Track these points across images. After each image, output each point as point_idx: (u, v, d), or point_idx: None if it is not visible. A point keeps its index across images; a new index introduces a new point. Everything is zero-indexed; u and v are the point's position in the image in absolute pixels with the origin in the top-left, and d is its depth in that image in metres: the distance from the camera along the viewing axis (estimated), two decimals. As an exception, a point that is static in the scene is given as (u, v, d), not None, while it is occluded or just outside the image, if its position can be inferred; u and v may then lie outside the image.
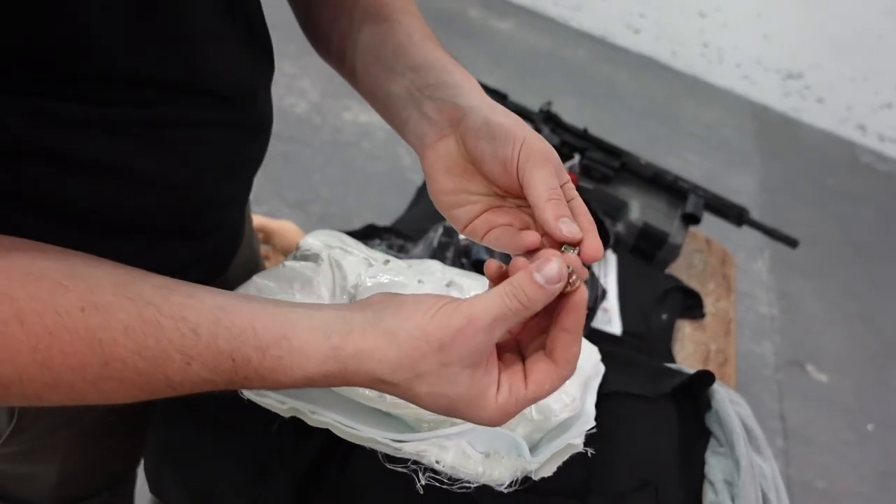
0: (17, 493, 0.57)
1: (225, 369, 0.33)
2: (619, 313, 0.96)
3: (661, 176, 1.12)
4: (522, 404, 0.35)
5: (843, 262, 2.95)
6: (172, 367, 0.32)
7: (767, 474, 0.54)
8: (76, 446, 0.55)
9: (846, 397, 2.28)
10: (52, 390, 0.31)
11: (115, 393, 0.33)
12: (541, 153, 0.39)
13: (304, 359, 0.34)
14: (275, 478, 0.45)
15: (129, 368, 0.32)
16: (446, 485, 0.41)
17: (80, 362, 0.31)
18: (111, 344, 0.31)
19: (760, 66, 4.18)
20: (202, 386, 0.34)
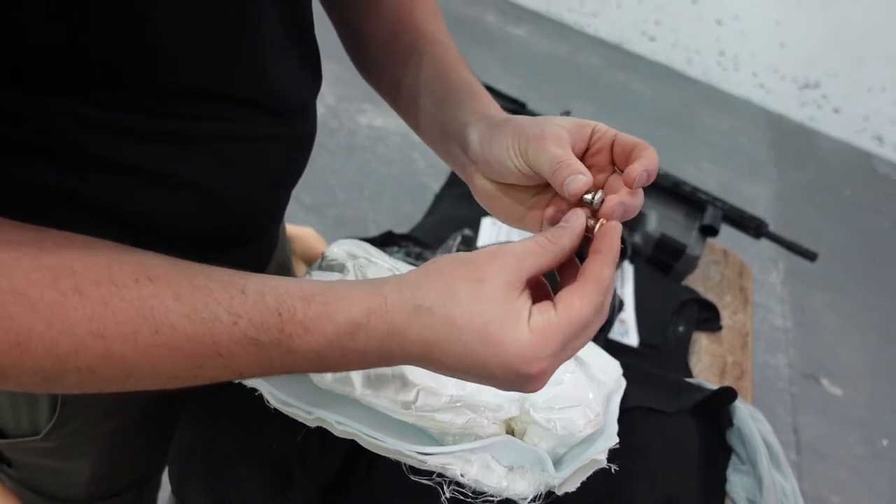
0: (50, 487, 0.59)
1: (271, 325, 0.33)
2: (636, 325, 0.96)
3: (679, 187, 1.12)
4: (555, 332, 0.33)
5: (859, 273, 2.92)
6: (220, 328, 0.33)
7: (789, 493, 0.54)
8: (109, 444, 0.56)
9: (861, 412, 2.26)
10: (105, 362, 0.32)
11: (165, 363, 0.33)
12: (534, 139, 0.40)
13: (347, 302, 0.34)
14: (298, 486, 0.45)
15: (179, 333, 0.32)
16: (470, 498, 0.42)
17: (132, 330, 0.32)
18: (162, 310, 0.32)
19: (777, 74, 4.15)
20: (248, 350, 0.33)
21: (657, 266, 1.09)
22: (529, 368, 0.33)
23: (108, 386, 0.33)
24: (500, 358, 0.33)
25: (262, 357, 0.34)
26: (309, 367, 0.35)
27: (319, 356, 0.34)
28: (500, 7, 4.14)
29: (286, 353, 0.34)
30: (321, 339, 0.34)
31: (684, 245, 1.06)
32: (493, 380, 0.34)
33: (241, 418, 0.48)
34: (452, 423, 0.41)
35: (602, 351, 0.53)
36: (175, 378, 0.34)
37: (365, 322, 0.34)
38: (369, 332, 0.34)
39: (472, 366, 0.33)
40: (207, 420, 0.49)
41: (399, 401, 0.42)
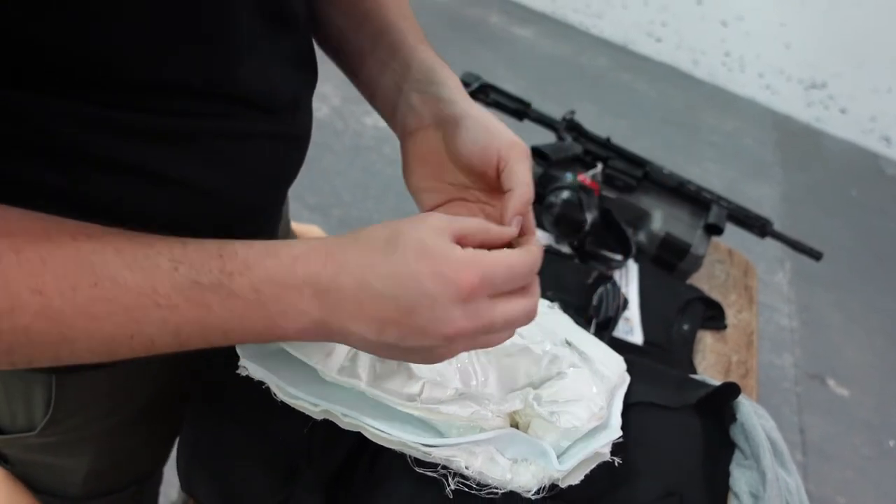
0: (47, 484, 0.59)
1: (212, 266, 0.34)
2: (641, 323, 0.96)
3: (684, 186, 1.12)
4: (485, 257, 0.35)
5: (866, 274, 2.91)
6: (160, 275, 0.33)
7: (793, 489, 0.54)
8: (107, 442, 0.56)
9: (867, 412, 2.25)
10: (42, 320, 0.31)
11: (103, 321, 0.32)
12: (522, 149, 0.44)
13: (290, 244, 0.36)
14: (304, 479, 0.46)
15: (119, 285, 0.32)
16: (474, 490, 0.42)
17: (71, 284, 0.31)
18: (101, 263, 0.32)
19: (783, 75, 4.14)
20: (189, 297, 0.33)
21: (662, 265, 1.09)
22: (461, 280, 0.34)
23: (39, 353, 0.32)
24: (434, 268, 0.34)
25: (201, 305, 0.33)
26: (247, 313, 0.35)
27: (258, 297, 0.34)
28: (505, 8, 4.14)
29: (226, 297, 0.34)
30: (261, 275, 0.34)
31: (689, 244, 1.07)
32: (424, 301, 0.34)
33: (247, 413, 0.49)
34: (457, 416, 0.42)
35: (606, 347, 0.54)
36: (111, 341, 0.33)
37: (303, 255, 0.35)
38: (307, 263, 0.35)
39: (405, 284, 0.34)
40: (213, 416, 0.49)
41: (404, 393, 0.42)
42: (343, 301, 0.35)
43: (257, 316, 0.35)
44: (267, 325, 0.35)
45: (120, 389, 0.54)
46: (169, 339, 0.34)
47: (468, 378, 0.45)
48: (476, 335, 0.36)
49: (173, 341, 0.34)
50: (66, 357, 0.33)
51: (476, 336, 0.36)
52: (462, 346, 0.37)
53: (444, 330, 0.35)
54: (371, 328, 0.35)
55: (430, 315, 0.35)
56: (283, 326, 0.35)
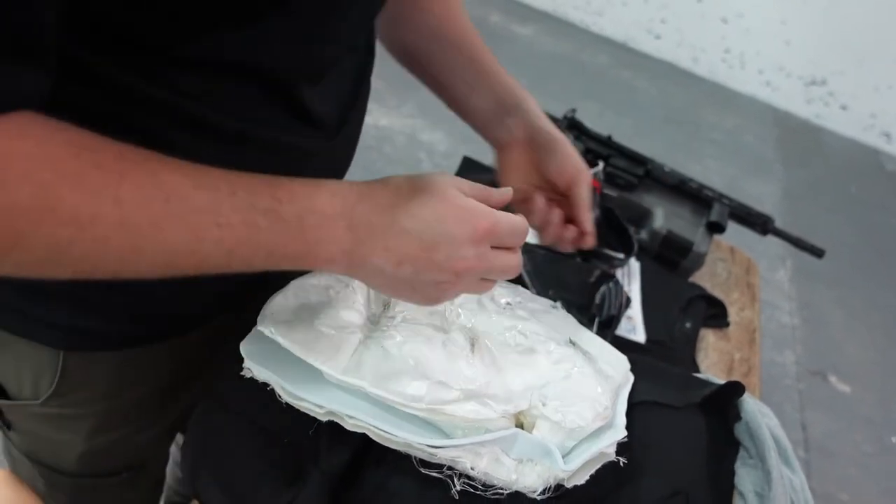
0: (46, 458, 0.61)
1: (264, 192, 0.38)
2: (643, 321, 0.96)
3: (685, 184, 1.12)
4: (492, 211, 0.43)
5: (867, 270, 2.91)
6: (221, 197, 0.37)
7: (797, 487, 0.54)
8: (104, 424, 0.58)
9: (869, 409, 2.25)
10: (119, 230, 0.34)
11: (170, 233, 0.35)
12: (585, 173, 0.64)
13: (328, 183, 0.41)
14: (310, 480, 0.46)
15: (187, 204, 0.36)
16: (480, 491, 0.42)
17: (146, 197, 0.34)
18: (172, 182, 0.35)
19: (783, 72, 4.14)
20: (244, 217, 0.37)
21: (664, 263, 1.09)
22: (478, 224, 0.41)
23: (107, 263, 0.35)
24: (456, 212, 0.41)
25: (253, 226, 0.37)
26: (290, 237, 0.39)
27: (301, 224, 0.39)
28: (505, 6, 4.14)
29: (275, 221, 0.38)
30: (306, 205, 0.39)
31: (691, 242, 1.06)
32: (444, 239, 0.41)
33: (253, 414, 0.49)
34: (462, 417, 0.42)
35: (610, 346, 0.54)
36: (173, 255, 0.36)
37: (341, 192, 0.41)
38: (344, 199, 0.40)
39: (430, 223, 0.41)
40: (219, 416, 0.49)
41: (409, 394, 0.42)
42: (372, 235, 0.40)
43: (298, 241, 0.39)
44: (304, 251, 0.40)
45: (122, 375, 0.56)
46: (220, 257, 0.38)
47: (473, 377, 0.45)
48: (478, 276, 0.43)
49: (223, 260, 0.38)
50: (130, 269, 0.36)
51: (477, 277, 0.43)
52: (464, 285, 0.43)
53: (456, 266, 0.41)
54: (391, 261, 0.41)
55: (448, 251, 0.41)
56: (316, 253, 0.40)
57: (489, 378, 0.46)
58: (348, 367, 0.44)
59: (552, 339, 0.49)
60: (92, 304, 0.50)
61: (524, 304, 0.54)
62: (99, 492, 0.65)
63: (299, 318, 0.47)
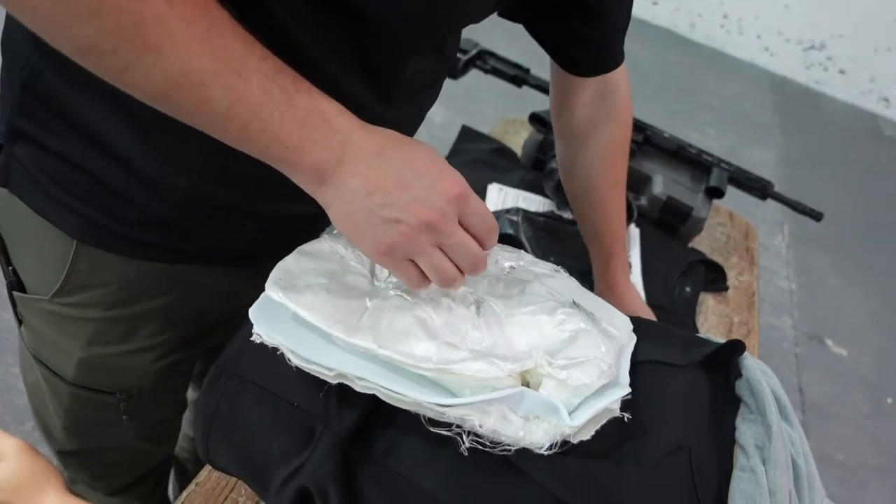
0: (47, 358, 0.65)
1: (287, 76, 0.41)
2: (644, 286, 0.97)
3: (684, 149, 1.12)
4: None
5: (863, 236, 2.92)
6: (253, 55, 0.40)
7: (796, 441, 0.55)
8: (101, 334, 0.61)
9: (865, 371, 2.28)
10: (156, 24, 0.36)
11: (199, 54, 0.38)
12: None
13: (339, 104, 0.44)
14: (321, 442, 0.47)
15: (221, 43, 0.38)
16: (488, 447, 0.43)
17: (193, 13, 0.37)
18: (220, 20, 0.39)
19: (781, 37, 4.10)
20: (261, 82, 0.40)
21: (663, 229, 1.10)
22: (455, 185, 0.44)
23: (128, 51, 0.36)
24: (440, 168, 0.44)
25: (265, 93, 0.40)
26: (290, 124, 0.41)
27: (306, 116, 0.41)
28: (500, -26, 4.06)
29: (285, 100, 0.40)
30: (316, 105, 0.42)
31: (690, 207, 1.07)
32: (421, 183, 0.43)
33: (263, 379, 0.50)
34: (470, 376, 0.42)
35: (613, 308, 0.55)
36: (186, 75, 0.38)
37: (347, 113, 0.43)
38: (347, 119, 0.43)
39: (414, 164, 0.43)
40: (231, 383, 0.50)
41: (417, 355, 0.43)
42: (358, 158, 0.43)
43: (296, 130, 0.41)
44: (296, 143, 0.42)
45: (126, 286, 0.59)
46: (223, 106, 0.39)
47: (480, 339, 0.46)
48: (437, 238, 0.44)
49: (223, 110, 0.39)
50: (141, 69, 0.37)
51: (435, 240, 0.44)
52: (420, 245, 0.44)
53: (421, 212, 0.43)
54: (366, 187, 0.42)
55: (419, 194, 0.43)
56: (305, 150, 0.42)
57: (495, 339, 0.47)
58: (357, 330, 0.44)
59: (556, 301, 0.50)
60: (109, 196, 0.54)
61: (527, 268, 0.55)
62: (95, 410, 0.67)
63: (307, 282, 0.47)
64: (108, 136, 0.51)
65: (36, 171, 0.54)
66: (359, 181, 0.42)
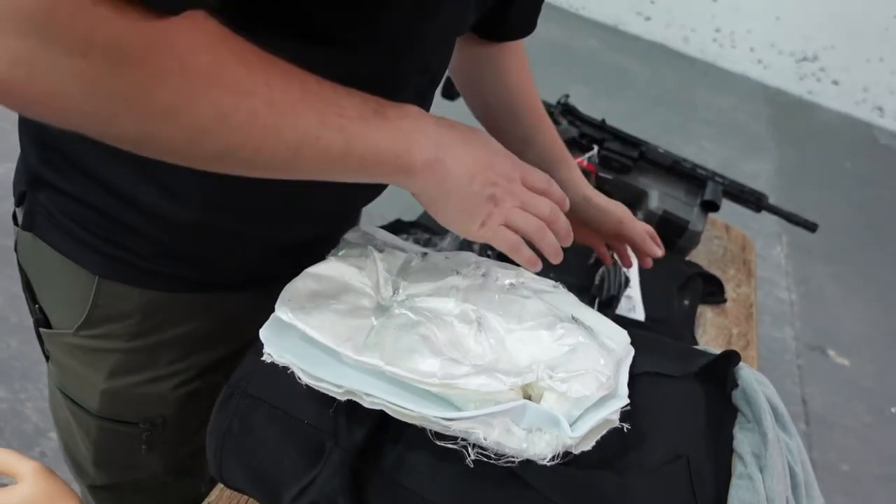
0: (73, 391, 0.66)
1: (369, 99, 0.45)
2: (642, 300, 0.99)
3: (679, 164, 1.14)
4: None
5: (862, 245, 2.94)
6: (340, 93, 0.44)
7: (793, 449, 0.56)
8: (124, 365, 0.63)
9: (868, 381, 2.28)
10: (268, 108, 0.39)
11: (305, 120, 0.41)
12: (627, 215, 0.81)
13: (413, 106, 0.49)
14: (331, 458, 0.48)
15: (316, 96, 0.42)
16: (493, 459, 0.44)
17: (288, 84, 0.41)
18: (305, 77, 0.42)
19: (774, 49, 4.15)
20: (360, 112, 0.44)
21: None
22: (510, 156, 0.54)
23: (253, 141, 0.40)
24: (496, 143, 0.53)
25: (365, 119, 0.44)
26: (398, 140, 0.46)
27: (401, 124, 0.46)
28: (495, -6, 4.11)
29: (382, 119, 0.45)
30: (402, 111, 0.47)
31: (686, 221, 1.09)
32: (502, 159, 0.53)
33: (274, 398, 0.51)
34: (474, 390, 0.44)
35: (610, 321, 0.56)
36: (305, 135, 0.42)
37: (423, 111, 0.49)
38: (426, 116, 0.49)
39: (490, 147, 0.52)
40: (242, 402, 0.52)
41: (423, 371, 0.45)
42: (452, 148, 0.49)
43: (399, 139, 0.46)
44: (403, 149, 0.46)
45: (148, 317, 0.61)
46: (340, 146, 0.43)
47: (482, 354, 0.48)
48: (517, 199, 0.53)
49: (342, 148, 0.43)
50: (267, 151, 0.41)
51: (519, 200, 0.52)
52: (509, 206, 0.52)
53: (505, 184, 0.52)
54: (469, 172, 0.50)
55: (500, 169, 0.52)
56: (414, 154, 0.47)
57: (497, 354, 0.48)
58: (364, 348, 0.46)
59: (555, 316, 0.52)
60: (124, 233, 0.56)
61: (527, 285, 0.56)
62: (120, 442, 0.68)
63: (315, 303, 0.49)
64: (114, 179, 0.54)
65: (57, 214, 0.57)
66: (459, 167, 0.49)
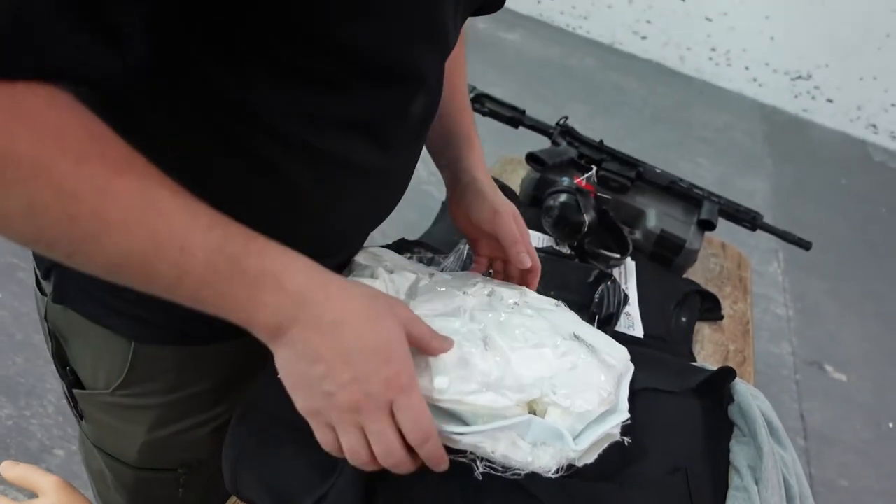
0: (111, 447, 0.66)
1: (238, 241, 0.40)
2: (641, 317, 1.01)
3: (676, 184, 1.17)
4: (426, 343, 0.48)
5: (858, 261, 2.96)
6: (197, 228, 0.39)
7: (788, 462, 0.58)
8: (164, 417, 0.63)
9: (865, 396, 2.29)
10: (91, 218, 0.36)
11: (137, 236, 0.37)
12: (504, 211, 0.66)
13: (299, 258, 0.43)
14: (343, 472, 0.50)
15: (163, 221, 0.38)
16: (499, 472, 0.46)
17: (129, 200, 0.37)
18: (160, 197, 0.38)
19: (769, 68, 4.20)
20: (208, 256, 0.39)
21: (658, 261, 1.13)
22: (397, 373, 0.43)
23: (65, 242, 0.37)
24: (388, 351, 0.43)
25: (211, 266, 0.39)
26: (240, 288, 0.40)
27: (257, 281, 0.40)
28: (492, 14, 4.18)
29: (233, 271, 0.39)
30: (271, 266, 0.41)
31: (683, 240, 1.11)
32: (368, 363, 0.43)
33: (289, 415, 0.53)
34: (482, 406, 0.46)
35: (611, 339, 0.58)
36: (129, 257, 0.38)
37: (309, 272, 0.42)
38: (309, 279, 0.42)
39: (364, 345, 0.42)
40: (258, 418, 0.54)
41: (434, 388, 0.47)
42: (312, 323, 0.42)
43: (246, 296, 0.41)
44: (247, 306, 0.41)
45: (185, 371, 0.62)
46: (170, 279, 0.39)
47: (489, 372, 0.50)
48: (361, 419, 0.43)
49: (172, 283, 0.39)
50: (81, 255, 0.38)
51: (360, 420, 0.43)
52: (345, 418, 0.44)
53: (353, 394, 0.42)
54: (310, 356, 0.42)
55: (359, 374, 0.42)
56: (256, 313, 0.41)
57: (503, 372, 0.50)
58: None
59: (558, 334, 0.54)
60: (152, 298, 0.56)
61: (530, 304, 0.59)
62: (158, 488, 0.69)
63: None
64: None
65: (87, 285, 0.57)
66: (306, 348, 0.42)
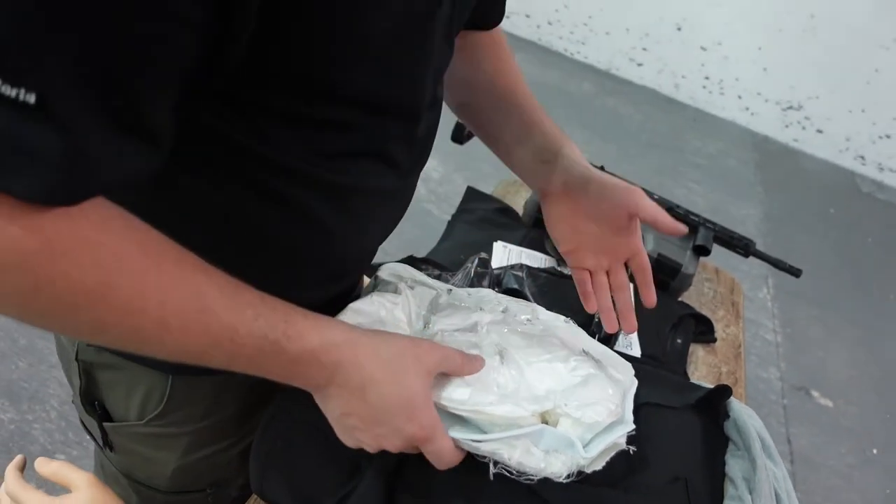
0: (140, 474, 0.67)
1: (279, 328, 0.44)
2: (638, 338, 1.04)
3: (672, 211, 1.21)
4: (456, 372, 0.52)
5: (846, 289, 3.01)
6: (244, 321, 0.43)
7: (779, 478, 0.62)
8: (197, 442, 0.65)
9: (850, 422, 2.32)
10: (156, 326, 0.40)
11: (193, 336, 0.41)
12: (638, 191, 0.65)
13: (332, 329, 0.48)
14: (366, 475, 0.54)
15: (215, 320, 0.42)
16: (514, 476, 0.50)
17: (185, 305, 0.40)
18: (210, 299, 0.41)
19: (761, 97, 4.27)
20: (255, 343, 0.43)
21: (655, 284, 1.17)
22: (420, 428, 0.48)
23: (131, 345, 0.41)
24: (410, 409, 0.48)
25: (258, 350, 0.44)
26: (283, 365, 0.46)
27: (298, 358, 0.46)
28: (494, 37, 4.23)
29: (278, 351, 0.44)
30: (308, 347, 0.46)
31: (679, 264, 1.15)
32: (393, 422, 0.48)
33: (315, 420, 0.56)
34: (500, 416, 0.50)
35: (616, 355, 0.62)
36: (189, 349, 0.42)
37: (339, 343, 0.47)
38: (340, 353, 0.47)
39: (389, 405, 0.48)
40: (285, 424, 0.57)
41: (454, 398, 0.50)
42: (344, 386, 0.48)
43: (288, 371, 0.47)
44: (289, 377, 0.48)
45: (218, 397, 0.63)
46: (223, 362, 0.44)
47: (505, 384, 0.54)
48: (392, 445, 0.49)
49: (224, 364, 0.45)
50: (145, 352, 0.42)
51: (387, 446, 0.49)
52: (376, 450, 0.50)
53: (381, 443, 0.49)
54: (343, 409, 0.49)
55: (386, 431, 0.49)
56: (295, 380, 0.48)
57: (518, 384, 0.54)
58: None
59: (568, 350, 0.58)
60: None
61: (542, 320, 0.63)
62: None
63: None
64: None
65: None
66: (339, 404, 0.49)
